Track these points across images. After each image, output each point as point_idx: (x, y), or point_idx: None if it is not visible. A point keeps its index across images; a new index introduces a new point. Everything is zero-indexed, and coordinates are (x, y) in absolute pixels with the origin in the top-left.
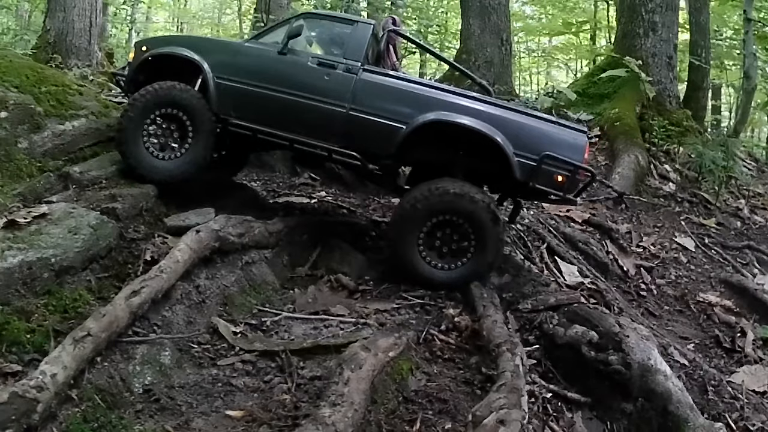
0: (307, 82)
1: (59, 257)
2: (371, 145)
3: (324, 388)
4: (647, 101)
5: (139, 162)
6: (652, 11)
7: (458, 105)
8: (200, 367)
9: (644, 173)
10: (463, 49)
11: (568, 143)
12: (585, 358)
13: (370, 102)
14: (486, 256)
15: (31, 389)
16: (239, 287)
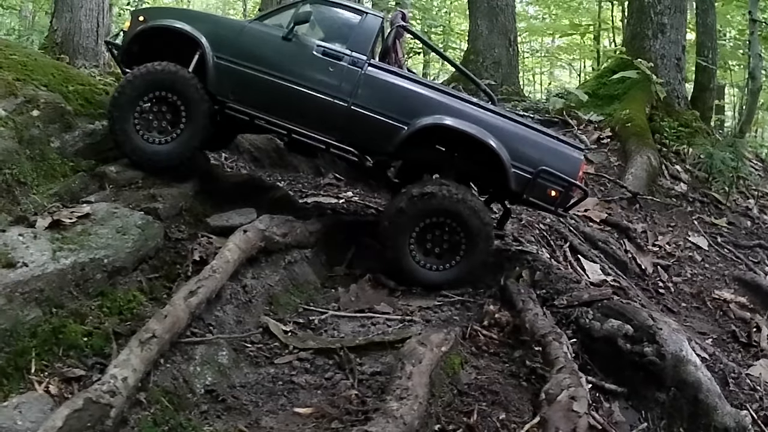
0: (311, 71)
1: (111, 258)
2: (370, 142)
3: (387, 383)
4: (656, 102)
5: (130, 145)
6: (661, 13)
7: (462, 111)
8: (257, 366)
9: (656, 174)
10: (471, 49)
11: (565, 159)
12: (621, 351)
13: (373, 99)
14: (476, 256)
15: (104, 394)
16: (283, 286)
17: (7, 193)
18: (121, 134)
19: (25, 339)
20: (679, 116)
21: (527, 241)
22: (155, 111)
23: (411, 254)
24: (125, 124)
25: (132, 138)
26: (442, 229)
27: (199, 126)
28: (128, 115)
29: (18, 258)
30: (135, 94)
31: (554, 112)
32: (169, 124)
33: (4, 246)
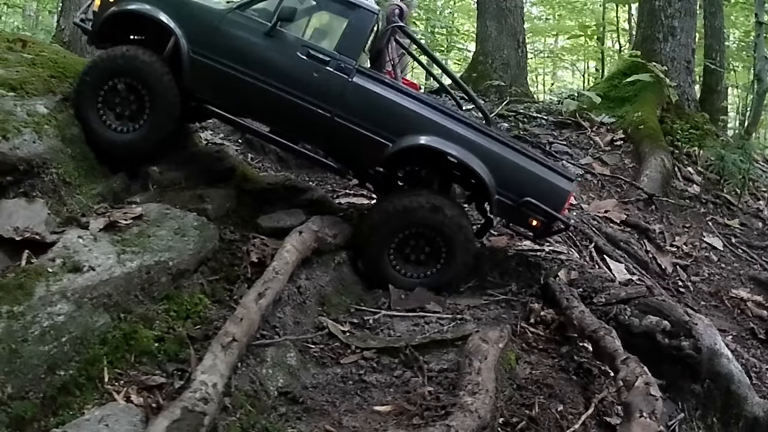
0: (293, 75)
1: (176, 260)
2: (352, 157)
3: (457, 379)
4: (667, 105)
5: (91, 131)
6: (671, 16)
7: (453, 132)
8: (324, 366)
9: (670, 175)
10: (480, 51)
11: (552, 191)
12: (659, 345)
13: (359, 111)
14: (455, 266)
15: (198, 402)
16: (333, 287)
17: (54, 193)
18: (83, 120)
19: (95, 346)
20: (690, 118)
21: (555, 242)
22: (121, 98)
23: (390, 263)
24: (89, 110)
25: (94, 124)
26: (423, 239)
27: (163, 117)
28: (92, 101)
29: (83, 262)
30: (98, 80)
31: (567, 114)
32: (133, 113)
33: (65, 249)
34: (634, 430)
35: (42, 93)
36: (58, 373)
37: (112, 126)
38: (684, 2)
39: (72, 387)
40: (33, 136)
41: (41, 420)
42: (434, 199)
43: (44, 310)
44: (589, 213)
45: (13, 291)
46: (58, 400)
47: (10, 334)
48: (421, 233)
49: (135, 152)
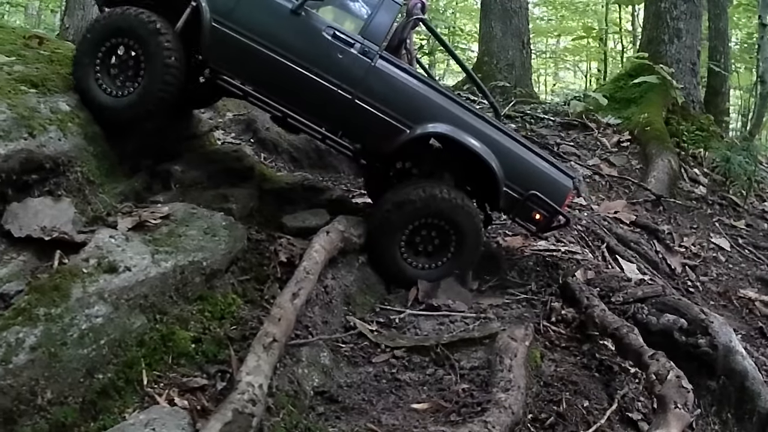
0: (317, 54)
1: (209, 260)
2: (368, 140)
3: (489, 376)
4: (673, 106)
5: (86, 93)
6: (677, 18)
7: (467, 123)
8: (356, 365)
9: (676, 177)
10: (485, 51)
11: (555, 187)
12: (676, 343)
13: (379, 94)
14: (465, 257)
15: (246, 404)
16: (358, 287)
17: (78, 192)
18: (79, 81)
19: (133, 349)
20: (695, 120)
21: (568, 242)
22: (120, 60)
23: (401, 255)
24: (86, 72)
25: (90, 86)
26: (433, 229)
27: (158, 81)
28: (90, 62)
29: (118, 262)
30: (96, 40)
31: (574, 115)
32: (128, 77)
33: (98, 249)
34: (669, 420)
35: (63, 90)
36: (96, 377)
37: (106, 89)
38: (689, 4)
39: (111, 391)
40: (58, 134)
41: (81, 425)
42: (447, 188)
43: (82, 312)
44: (599, 214)
45: (49, 293)
46: (98, 405)
47: (49, 338)
48: (432, 223)
49: (121, 118)
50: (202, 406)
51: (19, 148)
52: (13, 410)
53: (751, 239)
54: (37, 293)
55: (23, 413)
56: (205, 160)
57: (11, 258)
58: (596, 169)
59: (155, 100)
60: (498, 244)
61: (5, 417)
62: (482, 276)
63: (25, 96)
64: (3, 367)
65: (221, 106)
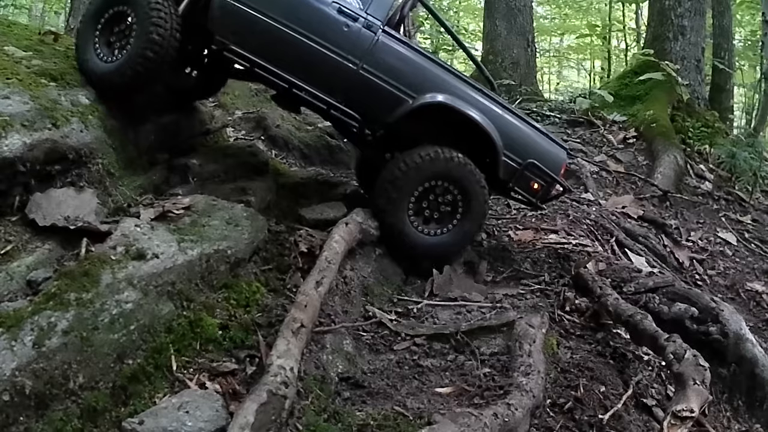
0: (324, 27)
1: (233, 249)
2: (372, 110)
3: (509, 362)
4: (678, 103)
5: (84, 60)
6: (681, 15)
7: (467, 94)
8: (378, 353)
9: (683, 173)
10: (490, 50)
11: (551, 156)
12: (688, 331)
13: (383, 66)
14: (472, 221)
15: (280, 386)
16: (375, 278)
17: (99, 184)
18: (79, 48)
19: (161, 334)
20: (700, 117)
21: (578, 236)
22: (118, 29)
23: (409, 219)
24: (86, 40)
25: (87, 54)
26: (440, 194)
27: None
28: (90, 31)
29: (146, 249)
30: (97, 10)
31: (580, 112)
32: (120, 44)
33: (124, 237)
34: (689, 395)
35: (81, 84)
36: (126, 362)
37: (100, 55)
38: (694, 1)
39: (141, 376)
40: (80, 126)
41: (112, 410)
42: (449, 151)
43: (112, 298)
44: (607, 209)
45: (79, 278)
46: (128, 390)
47: (80, 322)
48: (438, 187)
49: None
50: (233, 389)
51: (44, 138)
52: (46, 394)
53: (757, 234)
54: (66, 279)
55: (55, 397)
56: (221, 155)
57: (36, 247)
58: (603, 165)
59: (141, 59)
60: (510, 238)
61: (38, 401)
62: (496, 267)
63: (45, 89)
64: (36, 350)
65: (230, 104)
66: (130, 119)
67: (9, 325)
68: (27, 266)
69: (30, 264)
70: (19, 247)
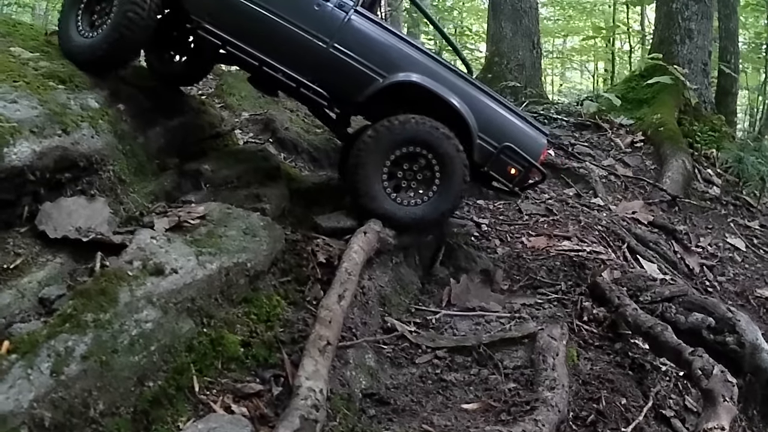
0: (296, 7)
1: (252, 262)
2: (342, 89)
3: (533, 375)
4: (684, 107)
5: (66, 38)
6: (688, 19)
7: (439, 75)
8: (400, 366)
9: (691, 177)
10: (495, 52)
11: (530, 140)
12: (705, 341)
13: (353, 45)
14: (451, 190)
15: (311, 410)
16: (392, 287)
17: (111, 191)
18: (60, 27)
19: (182, 354)
20: (707, 120)
21: (591, 242)
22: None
23: (384, 189)
24: (68, 19)
25: (69, 31)
26: (416, 162)
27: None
28: (74, 9)
29: (164, 264)
30: None
31: (587, 115)
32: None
33: (140, 251)
34: (719, 412)
35: (90, 87)
36: (147, 385)
37: (82, 32)
38: (701, 5)
39: (163, 399)
40: (91, 131)
41: None
42: (420, 116)
43: (131, 318)
44: (617, 214)
45: (95, 297)
46: (150, 414)
47: (99, 345)
48: (413, 153)
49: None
50: (261, 413)
51: (54, 145)
52: (65, 425)
53: (766, 239)
54: (82, 298)
55: (75, 427)
56: (233, 159)
57: (47, 260)
58: (611, 169)
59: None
60: (523, 244)
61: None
62: (512, 276)
63: (54, 92)
64: (54, 378)
65: (236, 105)
66: (140, 122)
67: (24, 351)
68: (38, 282)
69: (41, 279)
70: (29, 260)
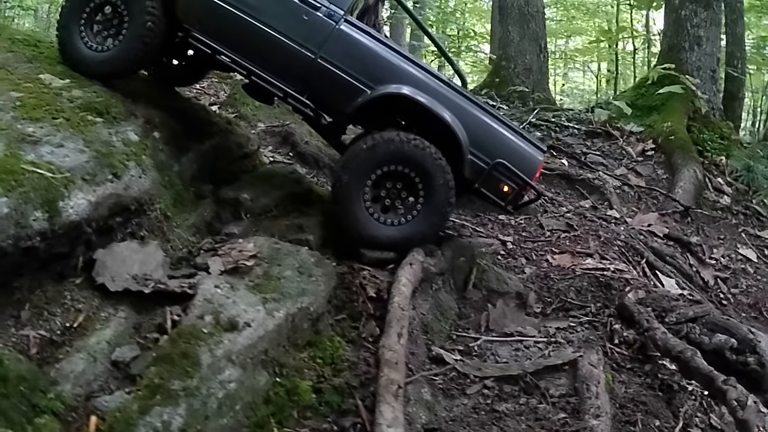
0: (284, 16)
1: (314, 305)
2: (329, 100)
3: (579, 404)
4: (693, 113)
5: (71, 51)
6: (697, 26)
7: (431, 87)
8: (452, 398)
9: (702, 187)
10: (502, 56)
11: (524, 157)
12: (728, 362)
13: (342, 56)
14: (435, 209)
15: None
16: (433, 314)
17: (158, 230)
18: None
19: (261, 408)
20: (715, 127)
21: (612, 259)
22: (103, 18)
23: (365, 207)
24: (70, 33)
25: (74, 43)
26: (399, 180)
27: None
28: (75, 20)
29: (236, 317)
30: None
31: (598, 123)
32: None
33: (208, 303)
34: None
35: (126, 116)
36: None
37: (89, 44)
38: (710, 12)
39: None
40: (138, 171)
41: None
42: (405, 133)
43: (215, 380)
44: (633, 227)
45: (178, 362)
46: None
47: (193, 415)
48: (398, 172)
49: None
50: None
51: (108, 193)
52: None
53: None
54: (165, 364)
55: None
56: (267, 184)
57: (109, 315)
58: (624, 179)
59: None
60: (548, 263)
61: None
62: (543, 297)
63: (94, 127)
64: None
65: (251, 116)
66: (174, 149)
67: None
68: (107, 342)
69: (110, 339)
70: (91, 315)
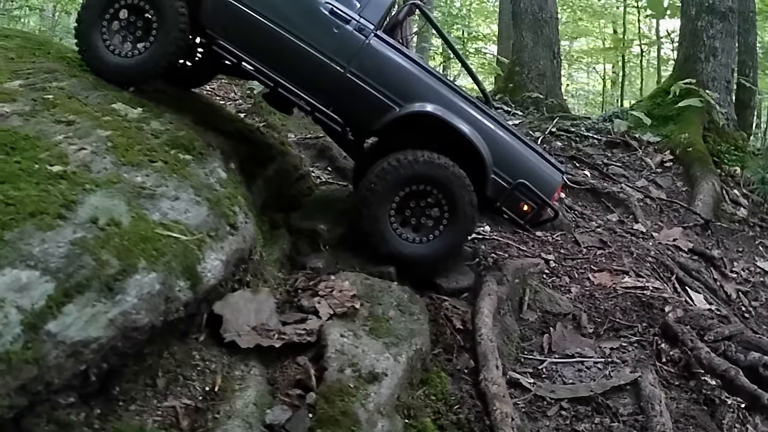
0: (313, 27)
1: (425, 344)
2: (357, 115)
3: (646, 422)
4: (708, 124)
5: (94, 56)
6: (713, 37)
7: (458, 107)
8: (536, 420)
9: (720, 199)
10: (516, 61)
11: (544, 178)
12: (761, 377)
13: (371, 71)
14: (459, 228)
15: None
16: (501, 338)
17: (258, 273)
18: (85, 45)
19: None
20: (730, 138)
21: (646, 276)
22: (127, 24)
23: (391, 225)
24: (92, 35)
25: (98, 49)
26: (424, 199)
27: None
28: (96, 25)
29: (371, 367)
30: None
31: (617, 134)
32: (136, 39)
33: (340, 354)
34: None
35: (207, 150)
36: None
37: (115, 50)
38: (725, 23)
39: None
40: (243, 216)
41: None
42: (429, 153)
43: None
44: (660, 242)
45: (342, 421)
46: None
47: None
48: (423, 191)
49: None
50: None
51: (234, 248)
52: None
53: None
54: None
55: None
56: (333, 211)
57: (242, 373)
58: (646, 191)
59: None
60: (590, 281)
61: None
62: (593, 318)
63: (190, 169)
64: None
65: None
66: (245, 178)
67: None
68: (253, 404)
69: (255, 400)
70: (226, 376)
